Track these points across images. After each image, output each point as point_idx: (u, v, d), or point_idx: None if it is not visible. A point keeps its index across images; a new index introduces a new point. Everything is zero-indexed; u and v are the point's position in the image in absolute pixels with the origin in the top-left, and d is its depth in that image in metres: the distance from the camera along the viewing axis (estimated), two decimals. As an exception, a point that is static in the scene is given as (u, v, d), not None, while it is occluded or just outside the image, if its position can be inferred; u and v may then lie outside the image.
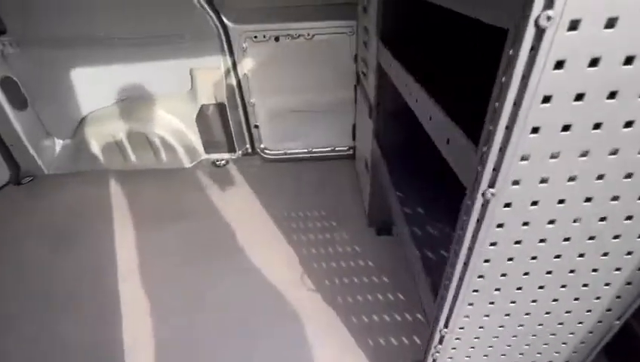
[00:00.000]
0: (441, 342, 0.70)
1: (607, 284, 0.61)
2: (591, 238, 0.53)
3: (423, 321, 1.18)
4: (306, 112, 2.10)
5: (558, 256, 0.56)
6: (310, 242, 1.54)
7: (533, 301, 0.63)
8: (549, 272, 0.58)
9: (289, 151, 2.22)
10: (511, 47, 0.37)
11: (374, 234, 1.56)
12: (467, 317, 0.65)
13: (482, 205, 0.49)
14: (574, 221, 0.51)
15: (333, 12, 1.77)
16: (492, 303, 0.63)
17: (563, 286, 0.60)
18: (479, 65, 0.87)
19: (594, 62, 0.37)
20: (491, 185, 0.46)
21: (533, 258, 0.56)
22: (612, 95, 0.39)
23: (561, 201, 0.49)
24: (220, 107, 2.03)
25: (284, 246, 1.53)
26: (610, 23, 0.34)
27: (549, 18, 0.34)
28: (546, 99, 0.39)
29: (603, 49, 0.36)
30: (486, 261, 0.56)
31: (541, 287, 0.60)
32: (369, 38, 1.28)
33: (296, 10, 1.78)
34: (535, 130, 0.41)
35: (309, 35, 1.83)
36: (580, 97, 0.39)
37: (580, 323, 0.68)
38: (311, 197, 1.83)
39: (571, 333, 0.70)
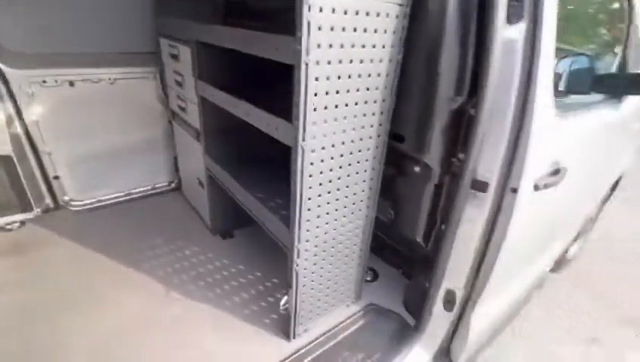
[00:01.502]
0: (298, 255, 1.12)
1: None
2: (350, 162, 1.10)
3: (279, 284, 1.56)
4: (115, 155, 2.11)
5: (340, 179, 1.09)
6: (163, 264, 1.63)
7: (336, 209, 1.15)
8: (338, 188, 1.11)
9: (103, 198, 2.13)
10: (297, 71, 0.85)
11: (221, 240, 1.83)
12: (308, 230, 1.10)
13: (301, 153, 0.95)
14: (341, 155, 1.05)
15: (133, 59, 1.96)
16: (318, 216, 1.10)
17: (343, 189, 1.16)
18: (273, 81, 1.39)
19: (327, 78, 0.90)
20: (304, 139, 0.93)
21: (329, 181, 1.07)
22: (337, 91, 0.94)
23: (333, 145, 1.01)
24: (5, 160, 1.76)
25: (139, 276, 1.56)
26: (329, 63, 0.88)
27: (309, 60, 0.84)
28: (315, 95, 0.90)
29: (329, 73, 0.90)
30: (309, 187, 1.02)
31: (337, 199, 1.13)
32: (184, 79, 1.61)
33: (94, 56, 1.85)
34: (315, 108, 0.91)
35: (110, 79, 1.93)
36: (327, 93, 0.92)
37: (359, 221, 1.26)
38: (145, 231, 1.88)
39: (358, 230, 1.28)
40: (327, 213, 1.13)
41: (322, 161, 1.01)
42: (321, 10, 0.81)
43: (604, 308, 2.26)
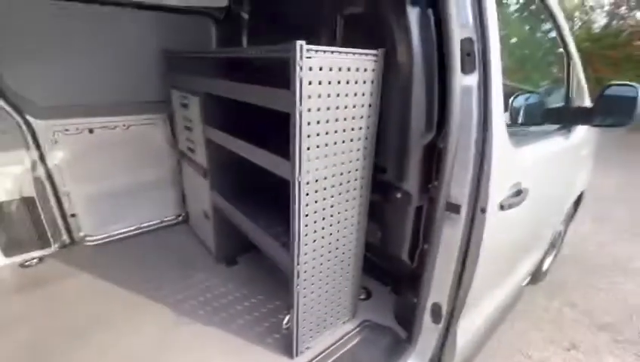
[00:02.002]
0: (298, 276, 1.16)
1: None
2: (341, 192, 1.18)
3: (281, 306, 1.58)
4: (127, 193, 2.17)
5: (332, 206, 1.17)
6: (172, 292, 1.65)
7: (330, 233, 1.21)
8: (331, 215, 1.18)
9: (115, 233, 2.16)
10: (293, 118, 0.95)
11: (225, 267, 1.85)
12: (306, 253, 1.15)
13: (298, 186, 1.03)
14: (332, 186, 1.13)
15: (145, 107, 2.07)
16: (314, 240, 1.16)
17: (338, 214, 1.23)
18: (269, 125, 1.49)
19: (318, 122, 1.00)
20: (300, 174, 1.01)
21: (323, 209, 1.14)
22: (327, 133, 1.04)
23: (325, 178, 1.10)
24: (28, 202, 1.80)
25: (150, 303, 1.57)
26: (318, 110, 0.99)
27: (301, 108, 0.94)
28: (307, 136, 0.99)
29: (319, 118, 1.00)
30: (306, 215, 1.09)
31: (331, 224, 1.20)
32: (193, 125, 1.71)
33: (111, 105, 1.96)
34: (308, 148, 1.00)
35: (125, 125, 2.03)
36: (318, 134, 1.01)
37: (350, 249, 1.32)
38: (156, 261, 1.90)
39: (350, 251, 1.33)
40: (323, 237, 1.19)
41: (316, 191, 1.09)
42: (310, 69, 0.92)
43: (580, 316, 2.29)
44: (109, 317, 1.49)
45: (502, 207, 1.17)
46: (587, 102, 1.88)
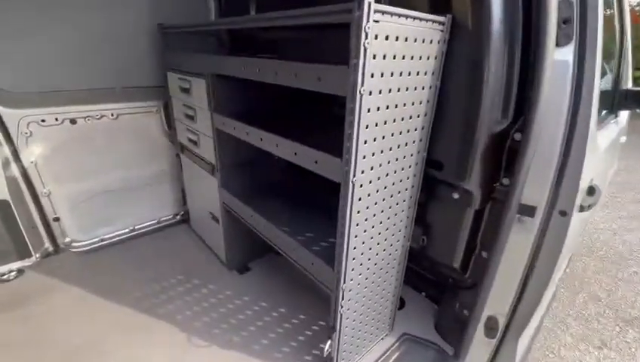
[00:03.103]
0: (343, 296, 0.96)
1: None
2: (392, 194, 0.97)
3: (304, 320, 1.38)
4: (119, 191, 1.90)
5: (382, 212, 0.96)
6: (180, 308, 1.42)
7: (378, 243, 1.01)
8: (381, 222, 0.97)
9: (106, 237, 1.89)
10: (350, 103, 0.73)
11: (238, 275, 1.63)
12: (353, 269, 0.95)
13: (352, 189, 0.81)
14: (385, 187, 0.92)
15: (137, 94, 1.78)
16: (362, 253, 0.96)
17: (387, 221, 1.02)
18: (291, 111, 1.26)
19: (378, 109, 0.78)
20: (354, 175, 0.80)
21: (374, 215, 0.93)
22: (385, 122, 0.82)
23: (378, 178, 0.88)
24: (1, 206, 1.51)
25: (155, 323, 1.34)
26: (380, 92, 0.76)
27: (363, 90, 0.71)
28: (366, 127, 0.77)
29: (380, 104, 0.77)
30: (357, 225, 0.88)
31: (379, 233, 0.99)
32: (196, 112, 1.45)
33: (96, 92, 1.67)
34: (365, 142, 0.78)
35: (113, 115, 1.74)
36: (376, 124, 0.79)
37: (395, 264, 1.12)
38: (156, 269, 1.66)
39: (395, 268, 1.14)
40: (370, 249, 0.99)
41: (369, 195, 0.88)
42: (376, 38, 0.69)
43: (606, 309, 2.19)
44: (104, 342, 1.26)
45: (581, 208, 0.99)
46: (630, 86, 1.71)
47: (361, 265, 0.97)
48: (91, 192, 1.79)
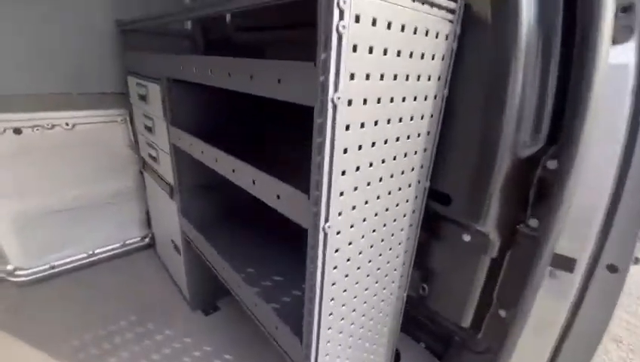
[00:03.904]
0: (315, 377, 0.70)
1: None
2: (383, 238, 0.72)
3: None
4: (74, 211, 1.64)
5: (370, 262, 0.71)
6: (128, 360, 1.15)
7: (365, 301, 0.76)
8: (368, 275, 0.73)
9: (57, 264, 1.63)
10: (319, 117, 0.49)
11: (202, 316, 1.37)
12: (329, 342, 0.69)
13: (323, 239, 0.57)
14: (373, 231, 0.68)
15: (98, 101, 1.55)
16: (342, 319, 0.70)
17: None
18: (270, 127, 1.02)
19: (362, 125, 0.54)
20: (326, 220, 0.55)
21: (358, 268, 0.68)
22: (373, 144, 0.58)
23: (364, 219, 0.64)
24: None
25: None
26: (365, 102, 0.52)
27: (337, 99, 0.47)
28: (344, 151, 0.53)
29: (365, 118, 0.54)
30: (333, 284, 0.63)
31: (366, 288, 0.74)
32: (154, 124, 1.22)
33: (47, 98, 1.43)
34: (343, 172, 0.54)
35: (67, 124, 1.50)
36: (360, 147, 0.55)
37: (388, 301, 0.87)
38: (107, 306, 1.40)
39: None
40: (354, 311, 0.73)
41: (350, 243, 0.63)
42: (357, 20, 0.46)
43: (629, 354, 1.92)
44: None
45: (637, 261, 0.74)
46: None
47: (340, 333, 0.72)
48: (40, 212, 1.53)
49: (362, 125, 0.54)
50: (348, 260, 0.64)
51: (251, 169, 0.71)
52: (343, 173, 0.54)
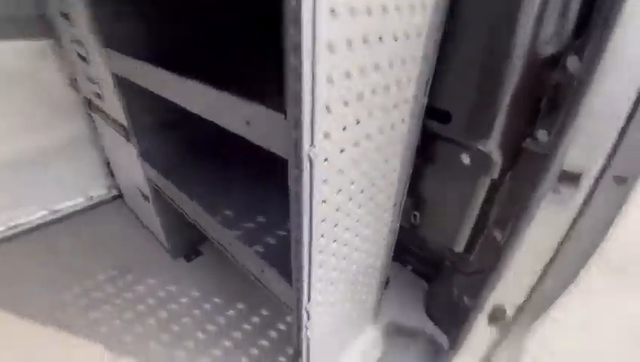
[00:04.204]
0: (309, 317, 0.66)
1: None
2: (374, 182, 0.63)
3: (268, 318, 1.11)
4: (21, 166, 1.44)
5: (361, 191, 0.62)
6: (107, 316, 1.10)
7: (356, 234, 0.69)
8: (360, 206, 0.65)
9: (16, 224, 1.48)
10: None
11: (184, 263, 1.31)
12: (320, 281, 0.64)
13: (309, 168, 0.46)
14: (365, 154, 0.58)
15: (12, 28, 1.25)
16: (333, 254, 0.64)
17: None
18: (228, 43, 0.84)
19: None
20: (311, 142, 0.44)
21: (350, 199, 0.60)
22: (365, 40, 0.44)
23: (355, 143, 0.53)
24: None
25: (71, 340, 1.02)
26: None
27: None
28: (330, 48, 0.39)
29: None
30: (323, 220, 0.55)
31: (357, 220, 0.67)
32: (88, 52, 0.98)
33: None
34: (329, 79, 0.41)
35: (-19, 60, 1.22)
36: (349, 44, 0.42)
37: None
38: (83, 263, 1.30)
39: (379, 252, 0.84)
40: (345, 245, 0.67)
41: (341, 171, 0.53)
42: None
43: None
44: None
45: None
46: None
47: (333, 269, 0.66)
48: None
49: (352, 11, 0.39)
50: (339, 191, 0.55)
51: (211, 91, 0.56)
52: (330, 79, 0.41)
